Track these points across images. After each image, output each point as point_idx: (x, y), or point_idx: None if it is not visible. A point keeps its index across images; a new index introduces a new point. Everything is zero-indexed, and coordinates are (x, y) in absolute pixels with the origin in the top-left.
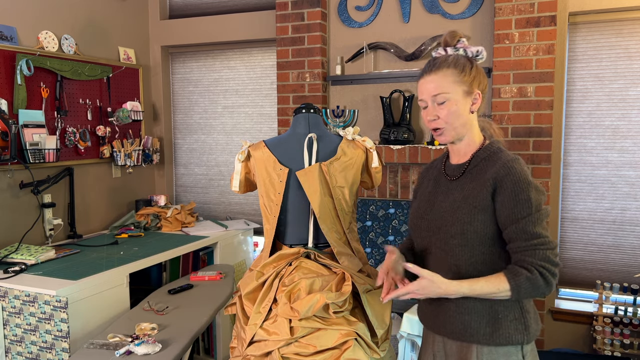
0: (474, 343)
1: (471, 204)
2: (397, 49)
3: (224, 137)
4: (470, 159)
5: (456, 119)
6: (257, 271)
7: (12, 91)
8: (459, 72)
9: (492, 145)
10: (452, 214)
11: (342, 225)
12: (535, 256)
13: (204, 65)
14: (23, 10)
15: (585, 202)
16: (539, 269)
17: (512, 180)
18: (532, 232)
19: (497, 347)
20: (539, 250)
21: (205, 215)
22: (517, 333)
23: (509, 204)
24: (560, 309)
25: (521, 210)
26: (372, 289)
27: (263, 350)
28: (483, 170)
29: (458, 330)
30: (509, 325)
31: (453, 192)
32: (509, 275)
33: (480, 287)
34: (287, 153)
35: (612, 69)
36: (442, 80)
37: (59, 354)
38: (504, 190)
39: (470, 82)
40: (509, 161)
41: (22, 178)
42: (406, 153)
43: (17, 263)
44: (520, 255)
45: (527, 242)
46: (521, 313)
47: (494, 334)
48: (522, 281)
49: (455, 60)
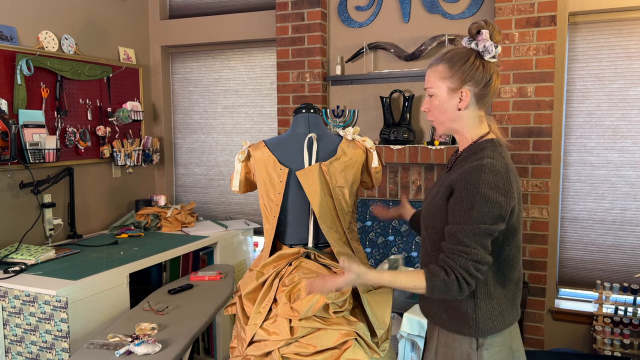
0: (436, 325)
1: (436, 203)
2: (397, 49)
3: (224, 137)
4: (460, 154)
5: (441, 114)
6: (257, 271)
7: (12, 91)
8: (449, 68)
9: (479, 144)
10: (426, 207)
11: (342, 225)
12: (457, 262)
13: (204, 65)
14: (23, 10)
15: (585, 202)
16: (457, 274)
17: (462, 186)
18: (460, 239)
19: (451, 332)
20: (462, 258)
21: (205, 215)
22: (466, 327)
23: (453, 206)
24: (560, 309)
25: (460, 215)
26: (372, 289)
27: (263, 350)
28: (456, 170)
29: (425, 310)
30: (459, 318)
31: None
32: (428, 275)
33: (399, 280)
34: (287, 153)
35: (612, 69)
36: (432, 75)
37: (59, 354)
38: (456, 190)
39: (459, 79)
40: (471, 167)
41: (22, 178)
42: (406, 153)
43: (17, 263)
44: (443, 256)
45: (454, 246)
46: (473, 309)
47: (447, 321)
48: (438, 282)
49: (452, 55)
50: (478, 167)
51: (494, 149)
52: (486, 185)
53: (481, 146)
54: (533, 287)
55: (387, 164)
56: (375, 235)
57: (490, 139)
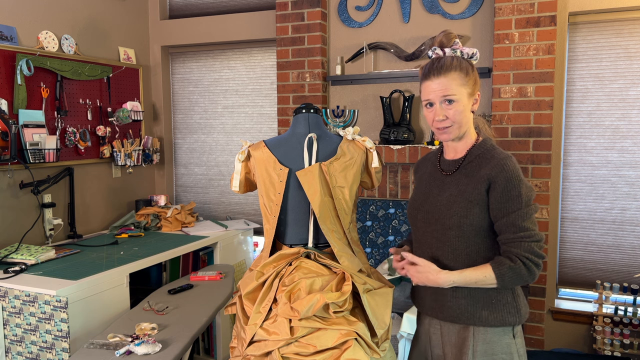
0: (471, 325)
1: (467, 199)
2: (397, 49)
3: (224, 137)
4: (465, 155)
5: (464, 119)
6: (257, 271)
7: (12, 91)
8: (464, 75)
9: (485, 142)
10: (449, 207)
11: (342, 225)
12: (521, 247)
13: (204, 65)
14: (23, 10)
15: (585, 202)
16: (523, 259)
17: (505, 177)
18: (520, 225)
19: (492, 327)
20: (525, 243)
21: (205, 215)
22: (509, 315)
23: (501, 198)
24: (560, 309)
25: (512, 205)
26: (372, 289)
27: (263, 350)
28: (477, 166)
29: (455, 314)
30: (502, 308)
31: (449, 187)
32: (494, 265)
33: (469, 276)
34: (287, 153)
35: (612, 69)
36: (451, 83)
37: (59, 354)
38: (497, 186)
39: (472, 85)
40: (502, 159)
41: (22, 178)
42: (406, 153)
43: (17, 263)
44: (506, 247)
45: (515, 234)
46: (513, 297)
47: (489, 316)
48: (506, 270)
49: (460, 63)
50: (508, 158)
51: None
52: (519, 173)
53: (489, 144)
54: (533, 287)
55: (387, 164)
56: (375, 235)
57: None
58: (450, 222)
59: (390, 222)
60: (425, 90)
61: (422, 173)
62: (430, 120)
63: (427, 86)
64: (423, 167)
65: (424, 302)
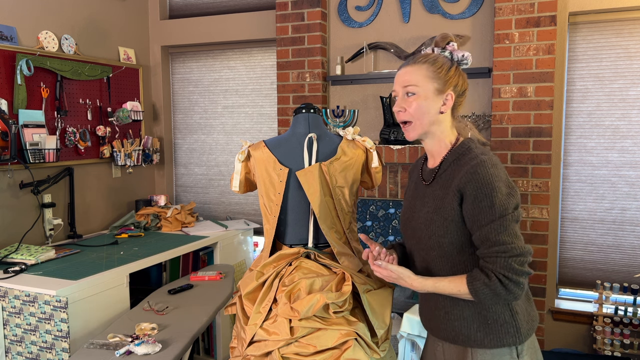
0: (468, 346)
1: (442, 216)
2: (397, 49)
3: (224, 137)
4: (440, 163)
5: (423, 115)
6: (257, 271)
7: (12, 91)
8: (435, 68)
9: (461, 146)
10: (427, 227)
11: (342, 225)
12: (496, 264)
13: (204, 65)
14: (23, 10)
15: (586, 202)
16: (499, 276)
17: (474, 186)
18: (494, 239)
19: (491, 349)
20: (500, 258)
21: (205, 215)
22: (508, 336)
23: (472, 211)
24: (560, 309)
25: (483, 217)
26: (372, 289)
27: (263, 350)
28: (451, 176)
29: (451, 335)
30: (499, 329)
31: (427, 200)
32: (469, 280)
33: (443, 286)
34: (287, 153)
35: (612, 69)
36: (415, 73)
37: (59, 354)
38: (467, 197)
39: (444, 82)
40: (473, 166)
41: (22, 178)
42: (406, 153)
43: (17, 263)
44: (482, 262)
45: (489, 249)
46: (511, 315)
47: (485, 338)
48: (479, 286)
49: (435, 58)
50: (480, 164)
51: (477, 146)
52: (496, 179)
53: (465, 147)
54: (533, 287)
55: (387, 164)
56: (375, 235)
57: (468, 139)
58: (430, 243)
59: (390, 222)
60: (395, 80)
61: (411, 180)
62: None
63: (396, 76)
64: (412, 175)
65: (424, 320)
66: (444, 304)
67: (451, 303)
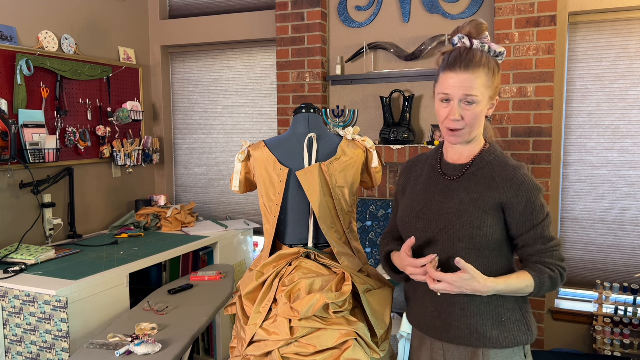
0: (480, 347)
1: (480, 208)
2: (397, 49)
3: (224, 137)
4: (473, 160)
5: (477, 123)
6: (257, 271)
7: (12, 91)
8: (491, 76)
9: (494, 149)
10: (460, 217)
11: (342, 225)
12: (554, 257)
13: (204, 65)
14: (23, 10)
15: (586, 202)
16: (559, 269)
17: (527, 189)
18: (548, 235)
19: (503, 349)
20: (556, 251)
21: (205, 215)
22: (521, 334)
23: (525, 211)
24: (560, 309)
25: (537, 216)
26: (372, 288)
27: (263, 350)
28: (490, 174)
29: (464, 335)
30: (512, 327)
31: (457, 193)
32: (534, 274)
33: (513, 284)
34: (287, 153)
35: (612, 69)
36: (476, 82)
37: (59, 354)
38: (520, 199)
39: (495, 87)
40: (518, 169)
41: (22, 178)
42: (406, 153)
43: (17, 263)
44: (538, 258)
45: (545, 245)
46: (522, 314)
47: (500, 336)
48: (546, 279)
49: (488, 61)
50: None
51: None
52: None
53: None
54: None
55: (387, 164)
56: (375, 236)
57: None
58: (461, 234)
59: None
60: (445, 82)
61: (417, 175)
62: (443, 117)
63: (449, 78)
64: (417, 170)
65: (424, 321)
66: (461, 299)
67: (469, 299)
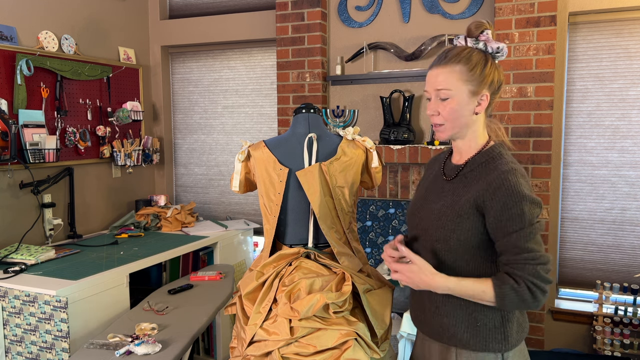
0: (453, 345)
1: (457, 212)
2: (397, 49)
3: (224, 137)
4: (467, 162)
5: (456, 119)
6: (257, 271)
7: (12, 91)
8: (469, 69)
9: (493, 149)
10: (438, 218)
11: (342, 225)
12: (524, 270)
13: (204, 65)
14: (23, 10)
15: (585, 202)
16: (528, 283)
17: (505, 193)
18: (522, 246)
19: (475, 352)
20: (529, 265)
21: (205, 215)
22: (495, 342)
23: (500, 217)
24: (560, 309)
25: (512, 224)
26: (372, 289)
27: (263, 350)
28: (477, 176)
29: (437, 331)
30: (487, 333)
31: (445, 195)
32: (496, 282)
33: (467, 286)
34: (287, 153)
35: (612, 69)
36: (448, 76)
37: (59, 354)
38: (495, 202)
39: (479, 82)
40: (504, 172)
41: (22, 178)
42: (406, 153)
43: (17, 263)
44: (509, 269)
45: (517, 256)
46: (502, 322)
47: (471, 340)
48: (507, 290)
49: (468, 56)
50: (511, 172)
51: (508, 153)
52: (524, 187)
53: (496, 151)
54: None
55: (387, 164)
56: (375, 235)
57: (499, 143)
58: (437, 235)
59: (390, 222)
60: (426, 80)
61: (429, 174)
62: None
63: (428, 76)
64: (432, 168)
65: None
66: (436, 298)
67: (443, 298)
